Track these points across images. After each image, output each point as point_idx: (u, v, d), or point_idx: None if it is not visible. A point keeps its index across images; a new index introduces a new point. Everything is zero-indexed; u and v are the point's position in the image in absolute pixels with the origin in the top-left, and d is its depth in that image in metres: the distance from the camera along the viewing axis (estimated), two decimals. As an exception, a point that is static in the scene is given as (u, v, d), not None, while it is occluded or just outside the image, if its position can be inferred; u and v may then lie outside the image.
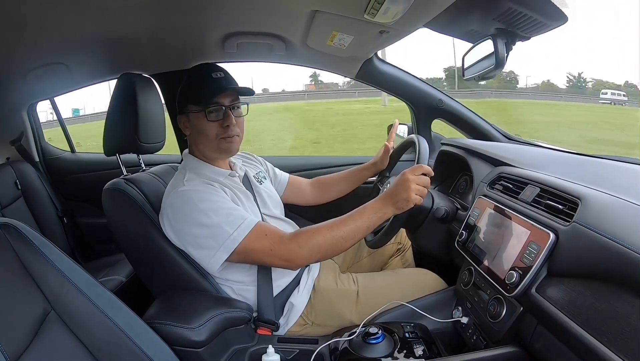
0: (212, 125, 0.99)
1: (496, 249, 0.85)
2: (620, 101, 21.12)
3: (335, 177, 1.38)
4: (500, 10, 0.96)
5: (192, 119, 1.01)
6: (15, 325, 0.62)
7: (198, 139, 1.03)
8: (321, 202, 1.38)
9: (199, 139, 1.02)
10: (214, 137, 1.00)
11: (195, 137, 1.03)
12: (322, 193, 1.37)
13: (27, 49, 1.22)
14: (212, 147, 1.02)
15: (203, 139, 1.01)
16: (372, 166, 1.34)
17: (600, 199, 0.71)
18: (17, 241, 0.69)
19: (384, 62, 1.55)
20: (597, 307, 0.60)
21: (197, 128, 1.01)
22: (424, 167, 0.95)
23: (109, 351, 0.71)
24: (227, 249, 0.90)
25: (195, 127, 1.01)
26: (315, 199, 1.37)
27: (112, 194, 1.01)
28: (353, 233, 0.93)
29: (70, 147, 2.03)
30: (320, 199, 1.38)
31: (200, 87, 0.99)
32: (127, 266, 1.55)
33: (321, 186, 1.38)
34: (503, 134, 1.60)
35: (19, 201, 1.69)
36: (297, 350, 0.97)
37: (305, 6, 1.03)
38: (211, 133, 0.99)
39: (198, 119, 1.00)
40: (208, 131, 0.99)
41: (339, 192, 1.37)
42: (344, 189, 1.37)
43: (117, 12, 1.01)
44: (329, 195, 1.37)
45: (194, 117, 1.01)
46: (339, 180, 1.37)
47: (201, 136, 1.01)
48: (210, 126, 0.99)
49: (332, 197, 1.37)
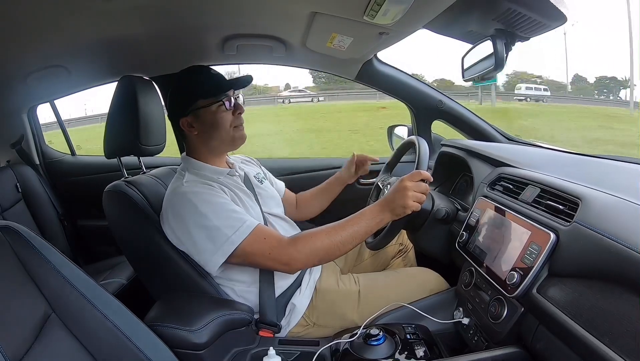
0: (228, 114, 1.02)
1: (497, 250, 0.85)
2: (539, 96, 17.36)
3: (313, 193, 1.38)
4: (499, 11, 0.97)
5: (201, 115, 1.01)
6: (16, 327, 0.62)
7: (212, 134, 1.03)
8: (304, 219, 1.38)
9: (213, 134, 1.03)
10: (229, 127, 1.03)
11: (208, 133, 1.03)
12: (304, 210, 1.38)
13: (28, 52, 1.23)
14: (227, 138, 1.04)
15: (219, 131, 1.02)
16: (336, 180, 1.34)
17: (600, 199, 0.70)
18: (17, 244, 0.69)
19: (383, 63, 1.56)
20: (598, 307, 0.60)
21: (211, 122, 1.02)
22: (422, 173, 0.95)
23: (110, 353, 0.71)
24: (225, 251, 0.91)
25: (208, 122, 1.02)
26: (300, 216, 1.37)
27: (113, 196, 1.01)
28: (351, 238, 0.93)
29: (70, 150, 2.03)
30: (304, 216, 1.38)
31: (208, 82, 1.02)
32: (128, 269, 1.55)
33: (301, 203, 1.38)
34: (503, 134, 1.60)
35: (20, 204, 1.69)
36: (298, 351, 0.97)
37: (304, 8, 1.03)
38: (227, 123, 1.02)
39: (211, 113, 1.01)
40: (224, 121, 1.02)
41: (319, 207, 1.37)
42: (324, 204, 1.37)
43: (118, 15, 1.01)
44: (311, 211, 1.37)
45: (204, 113, 1.01)
46: (316, 195, 1.37)
47: (216, 129, 1.02)
48: (226, 116, 1.02)
49: (315, 212, 1.37)
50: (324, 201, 1.37)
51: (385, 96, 1.68)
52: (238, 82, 1.05)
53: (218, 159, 1.09)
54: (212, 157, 1.07)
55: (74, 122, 11.03)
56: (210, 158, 1.06)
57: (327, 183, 1.36)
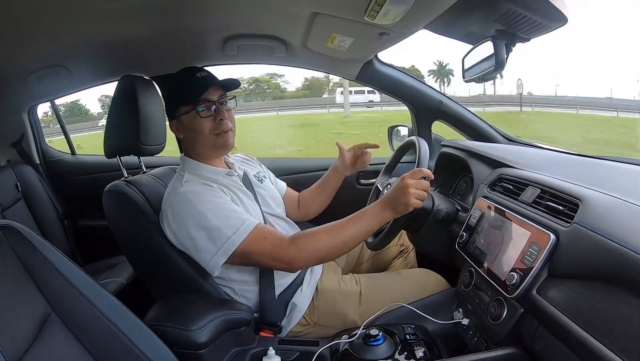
0: (205, 121, 1.00)
1: (497, 251, 0.85)
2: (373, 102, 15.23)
3: (313, 190, 1.35)
4: (500, 12, 0.97)
5: (184, 121, 1.02)
6: (16, 327, 0.62)
7: (194, 140, 1.03)
8: (307, 218, 1.36)
9: (194, 139, 1.03)
10: (209, 134, 1.01)
11: (191, 139, 1.03)
12: (306, 209, 1.35)
13: (28, 52, 1.23)
14: (208, 145, 1.03)
15: (199, 138, 1.02)
16: (333, 172, 1.30)
17: (601, 200, 0.70)
18: (17, 243, 0.69)
19: (384, 64, 1.56)
20: (598, 308, 0.60)
21: (191, 128, 1.01)
22: (423, 171, 0.95)
23: (110, 353, 0.71)
24: (225, 251, 0.91)
25: (189, 128, 1.02)
26: (302, 216, 1.35)
27: (113, 196, 1.01)
28: (352, 237, 0.93)
29: (70, 149, 2.03)
30: (307, 216, 1.36)
31: (188, 88, 1.01)
32: (127, 268, 1.55)
33: (303, 202, 1.36)
34: (503, 135, 1.60)
35: (20, 203, 1.70)
36: (298, 351, 0.97)
37: (305, 8, 1.03)
38: (205, 130, 1.00)
39: (190, 119, 1.01)
40: (202, 127, 1.00)
41: (320, 204, 1.34)
42: (325, 200, 1.33)
43: (118, 14, 1.01)
44: (313, 210, 1.35)
45: (185, 119, 1.02)
46: (315, 192, 1.34)
47: (196, 135, 1.02)
48: (204, 123, 1.00)
49: (317, 210, 1.35)
50: (324, 197, 1.33)
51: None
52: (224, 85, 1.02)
53: (215, 159, 1.08)
54: (206, 158, 1.07)
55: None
56: (206, 159, 1.06)
57: (324, 177, 1.33)
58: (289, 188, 1.36)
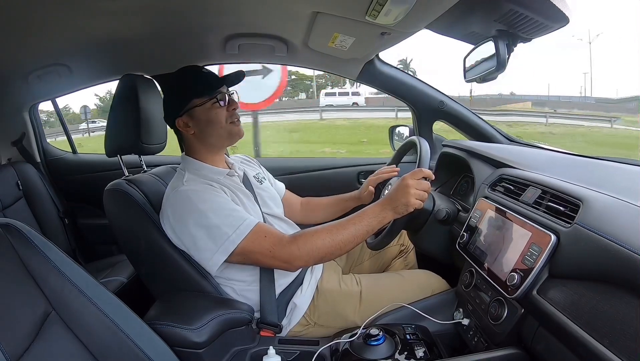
0: (222, 110, 1.03)
1: (497, 251, 0.85)
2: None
3: (324, 202, 1.37)
4: (501, 12, 0.97)
5: (197, 114, 1.02)
6: (16, 325, 0.62)
7: (207, 132, 1.04)
8: (307, 223, 1.34)
9: (208, 132, 1.04)
10: (225, 123, 1.03)
11: (204, 131, 1.04)
12: (310, 214, 1.36)
13: (29, 51, 1.23)
14: (224, 134, 1.04)
15: (214, 128, 1.03)
16: (356, 199, 1.31)
17: (601, 201, 0.70)
18: (18, 241, 0.69)
19: (385, 63, 1.56)
20: (598, 309, 0.60)
21: (207, 119, 1.02)
22: (424, 171, 0.95)
23: (110, 352, 0.71)
24: (225, 250, 0.91)
25: (204, 120, 1.03)
26: (303, 219, 1.35)
27: (114, 195, 1.01)
28: (352, 237, 0.93)
29: (71, 148, 2.03)
30: (308, 220, 1.36)
31: (202, 80, 1.03)
32: (128, 267, 1.55)
33: (310, 207, 1.37)
34: (504, 135, 1.60)
35: (21, 202, 1.69)
36: (298, 351, 0.97)
37: (306, 8, 1.03)
38: (222, 119, 1.03)
39: (205, 110, 1.02)
40: (219, 117, 1.02)
41: (325, 216, 1.35)
42: (330, 215, 1.35)
43: (119, 13, 1.01)
44: (316, 217, 1.35)
45: (199, 111, 1.02)
46: (326, 206, 1.36)
47: (212, 126, 1.03)
48: (221, 112, 1.03)
49: (319, 220, 1.34)
50: (335, 213, 1.34)
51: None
52: (229, 79, 1.06)
53: (217, 157, 1.09)
54: (210, 155, 1.07)
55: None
56: (209, 157, 1.07)
57: (341, 199, 1.34)
58: (287, 190, 1.37)
